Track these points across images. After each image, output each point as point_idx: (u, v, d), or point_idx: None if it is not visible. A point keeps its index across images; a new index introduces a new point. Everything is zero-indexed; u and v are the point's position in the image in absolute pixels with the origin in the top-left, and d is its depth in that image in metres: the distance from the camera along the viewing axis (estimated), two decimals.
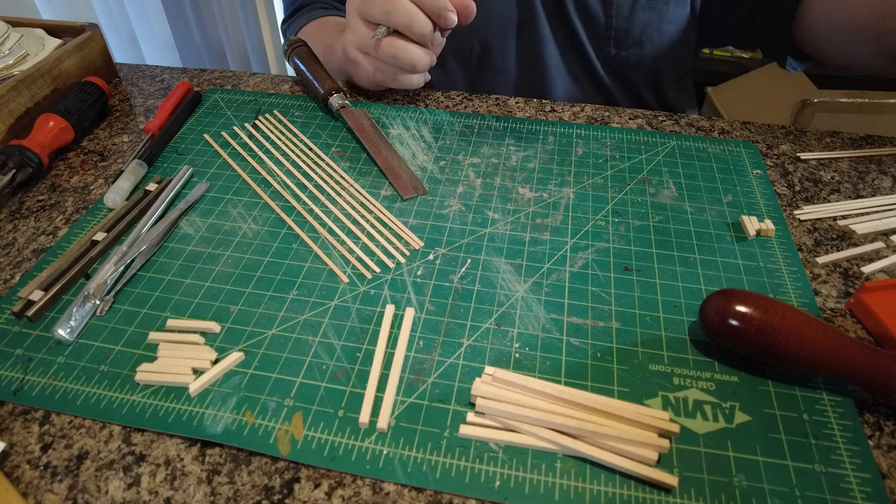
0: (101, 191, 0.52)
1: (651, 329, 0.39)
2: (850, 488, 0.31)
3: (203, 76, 0.69)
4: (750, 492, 0.31)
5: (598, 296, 0.42)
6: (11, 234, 0.48)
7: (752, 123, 0.60)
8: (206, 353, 0.37)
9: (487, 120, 0.60)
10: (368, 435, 0.34)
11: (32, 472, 0.33)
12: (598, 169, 0.53)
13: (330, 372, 0.37)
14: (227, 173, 0.53)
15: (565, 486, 0.31)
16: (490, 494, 0.31)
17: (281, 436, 0.33)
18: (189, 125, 0.60)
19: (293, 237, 0.46)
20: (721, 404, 0.35)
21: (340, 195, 0.50)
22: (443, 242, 0.46)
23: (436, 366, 0.37)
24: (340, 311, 0.41)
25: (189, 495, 0.31)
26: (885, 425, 0.34)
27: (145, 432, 0.34)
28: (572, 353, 0.38)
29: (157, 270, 0.44)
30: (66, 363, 0.38)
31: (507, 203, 0.50)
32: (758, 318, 0.34)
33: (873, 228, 0.47)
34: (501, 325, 0.40)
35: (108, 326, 0.40)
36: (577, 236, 0.46)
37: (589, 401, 0.34)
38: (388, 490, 0.32)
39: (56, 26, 0.66)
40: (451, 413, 0.35)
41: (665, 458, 0.32)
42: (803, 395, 0.35)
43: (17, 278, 0.44)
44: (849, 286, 0.43)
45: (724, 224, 0.48)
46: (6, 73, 0.58)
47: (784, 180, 0.53)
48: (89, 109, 0.59)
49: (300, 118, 0.61)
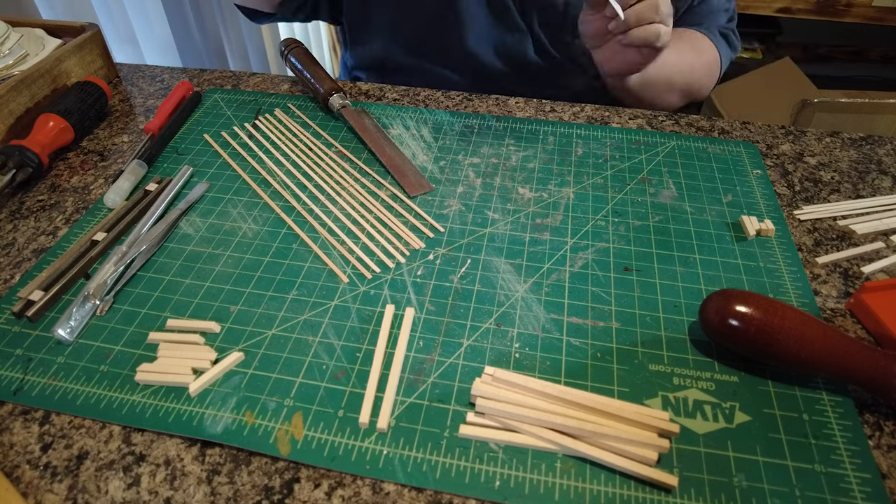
0: (101, 191, 0.52)
1: (651, 329, 0.39)
2: (850, 488, 0.31)
3: (203, 76, 0.69)
4: (750, 492, 0.31)
5: (598, 296, 0.42)
6: (11, 234, 0.48)
7: (752, 123, 0.60)
8: (206, 353, 0.37)
9: (487, 120, 0.60)
10: (368, 435, 0.34)
11: (32, 472, 0.33)
12: (598, 169, 0.53)
13: (330, 372, 0.37)
14: (227, 173, 0.53)
15: (565, 486, 0.31)
16: (490, 494, 0.31)
17: (281, 436, 0.33)
18: (189, 125, 0.60)
19: (293, 237, 0.46)
20: (721, 404, 0.35)
21: (340, 195, 0.50)
22: (443, 242, 0.46)
23: (436, 366, 0.37)
24: (340, 311, 0.41)
25: (189, 495, 0.31)
26: (885, 425, 0.34)
27: (145, 432, 0.34)
28: (572, 353, 0.38)
29: (157, 270, 0.44)
30: (66, 363, 0.38)
31: (507, 203, 0.50)
32: (758, 318, 0.34)
33: (873, 228, 0.47)
34: (501, 325, 0.40)
35: (108, 326, 0.40)
36: (577, 236, 0.46)
37: (589, 401, 0.34)
38: (388, 490, 0.32)
39: (56, 26, 0.66)
40: (451, 413, 0.35)
41: (665, 458, 0.32)
42: (803, 395, 0.35)
43: (17, 278, 0.44)
44: (849, 286, 0.43)
45: (724, 224, 0.48)
46: (6, 73, 0.58)
47: (784, 180, 0.53)
48: (89, 109, 0.59)
49: (300, 118, 0.61)
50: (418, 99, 0.64)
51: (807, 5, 1.42)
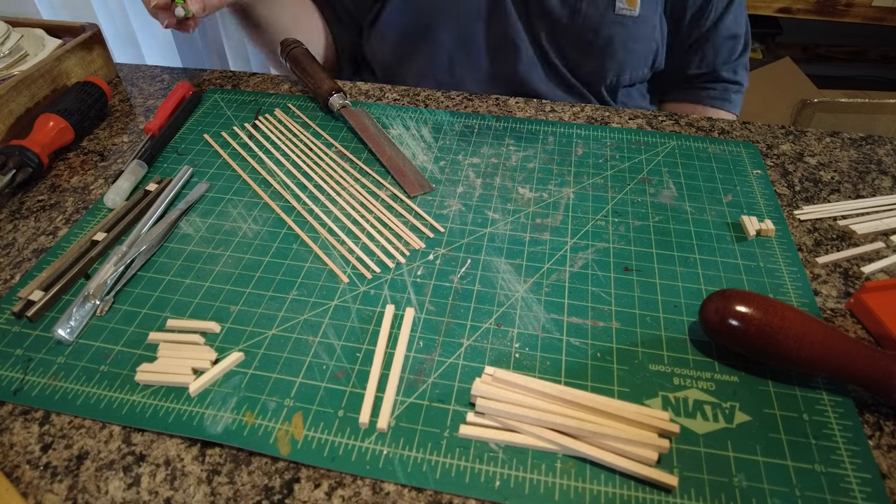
0: (101, 191, 0.52)
1: (651, 329, 0.39)
2: (850, 488, 0.31)
3: (203, 76, 0.69)
4: (750, 492, 0.31)
5: (598, 296, 0.42)
6: (11, 234, 0.48)
7: (752, 123, 0.60)
8: (206, 353, 0.37)
9: (487, 120, 0.60)
10: (368, 435, 0.34)
11: (32, 472, 0.33)
12: (598, 169, 0.53)
13: (330, 372, 0.37)
14: (227, 173, 0.53)
15: (565, 486, 0.31)
16: (490, 494, 0.31)
17: (281, 436, 0.33)
18: (189, 125, 0.60)
19: (293, 237, 0.46)
20: (721, 404, 0.35)
21: (340, 195, 0.50)
22: (443, 242, 0.46)
23: (436, 366, 0.37)
24: (340, 311, 0.41)
25: (189, 495, 0.31)
26: (885, 425, 0.34)
27: (145, 432, 0.34)
28: (572, 353, 0.38)
29: (157, 270, 0.44)
30: (66, 363, 0.38)
31: (507, 203, 0.50)
32: (758, 318, 0.34)
33: (873, 228, 0.47)
34: (501, 325, 0.40)
35: (108, 326, 0.40)
36: (577, 236, 0.46)
37: (589, 401, 0.34)
38: (388, 490, 0.32)
39: (56, 26, 0.66)
40: (451, 413, 0.35)
41: (665, 458, 0.32)
42: (803, 395, 0.35)
43: (17, 278, 0.44)
44: (849, 286, 0.43)
45: (724, 224, 0.48)
46: (6, 73, 0.58)
47: (784, 180, 0.53)
48: (89, 109, 0.59)
49: (300, 118, 0.61)
50: (418, 99, 0.64)
51: (807, 5, 1.42)
